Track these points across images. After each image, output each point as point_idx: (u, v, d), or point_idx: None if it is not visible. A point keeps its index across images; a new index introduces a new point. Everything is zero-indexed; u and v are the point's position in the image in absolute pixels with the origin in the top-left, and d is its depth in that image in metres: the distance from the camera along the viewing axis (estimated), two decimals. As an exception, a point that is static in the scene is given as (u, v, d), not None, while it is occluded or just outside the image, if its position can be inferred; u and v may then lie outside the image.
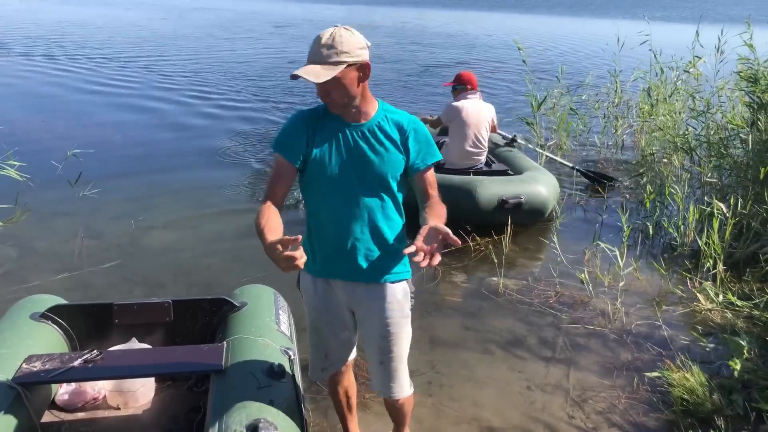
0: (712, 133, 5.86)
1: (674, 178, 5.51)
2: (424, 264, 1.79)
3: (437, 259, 1.79)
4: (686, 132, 6.20)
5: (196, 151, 7.35)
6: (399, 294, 2.21)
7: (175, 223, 5.24)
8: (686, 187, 5.22)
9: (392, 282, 2.20)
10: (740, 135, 5.40)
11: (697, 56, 6.86)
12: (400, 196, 2.19)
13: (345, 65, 1.94)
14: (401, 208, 2.21)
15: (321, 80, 1.92)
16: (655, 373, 3.10)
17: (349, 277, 2.20)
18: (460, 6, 44.21)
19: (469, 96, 5.35)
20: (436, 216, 2.01)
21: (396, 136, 2.11)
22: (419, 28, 26.08)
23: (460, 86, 5.41)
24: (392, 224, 2.17)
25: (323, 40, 1.95)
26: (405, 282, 2.23)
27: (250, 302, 2.88)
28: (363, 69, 2.01)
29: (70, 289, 4.02)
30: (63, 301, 2.83)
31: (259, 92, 11.05)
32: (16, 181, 5.49)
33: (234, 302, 2.85)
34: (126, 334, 2.75)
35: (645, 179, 5.98)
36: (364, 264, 2.17)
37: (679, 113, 6.88)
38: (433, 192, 2.17)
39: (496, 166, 5.63)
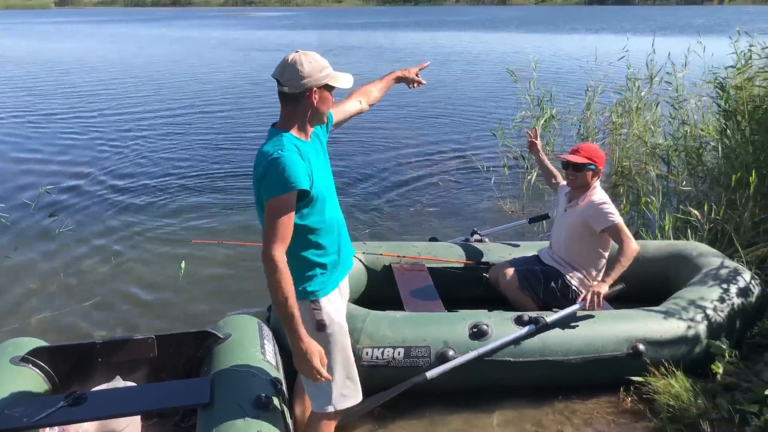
0: (685, 142, 5.99)
1: (650, 188, 5.59)
2: None
3: None
4: (660, 142, 6.32)
5: (168, 183, 7.30)
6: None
7: (154, 257, 5.20)
8: (662, 197, 5.30)
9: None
10: (710, 143, 5.52)
11: (668, 72, 7.00)
12: None
13: None
14: None
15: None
16: (639, 378, 3.12)
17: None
18: (429, 27, 44.84)
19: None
20: None
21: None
22: (385, 48, 26.36)
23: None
24: None
25: None
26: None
27: (234, 333, 2.87)
28: None
29: (50, 330, 3.97)
30: (43, 343, 2.80)
31: (231, 120, 11.08)
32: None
33: (218, 334, 2.84)
34: (110, 372, 2.73)
35: (621, 190, 6.08)
36: None
37: (653, 124, 7.00)
38: None
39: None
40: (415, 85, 2.84)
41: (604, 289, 3.25)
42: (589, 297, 3.20)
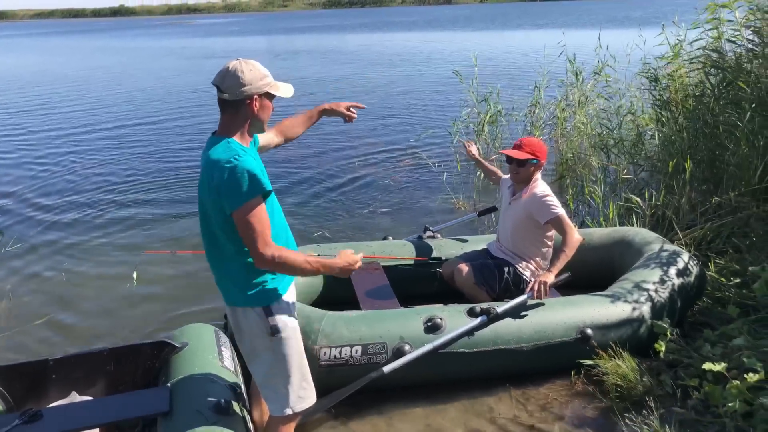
0: (624, 132, 6.23)
1: (593, 178, 5.79)
2: None
3: None
4: (601, 133, 6.55)
5: (115, 196, 7.17)
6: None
7: (106, 270, 5.13)
8: (605, 186, 5.50)
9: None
10: (648, 132, 5.75)
11: (607, 64, 7.25)
12: None
13: None
14: None
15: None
16: (588, 362, 3.25)
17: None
18: (376, 29, 45.04)
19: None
20: None
21: None
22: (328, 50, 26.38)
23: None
24: None
25: None
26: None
27: (191, 342, 2.88)
28: None
29: (1, 351, 3.88)
30: (-6, 363, 2.75)
31: (175, 129, 10.96)
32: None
33: (174, 344, 2.85)
34: (66, 388, 2.71)
35: (567, 181, 6.27)
36: None
37: (595, 117, 7.24)
38: None
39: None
40: (348, 120, 2.84)
41: (550, 278, 3.36)
42: (536, 287, 3.32)
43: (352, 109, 2.84)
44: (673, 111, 5.35)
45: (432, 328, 3.16)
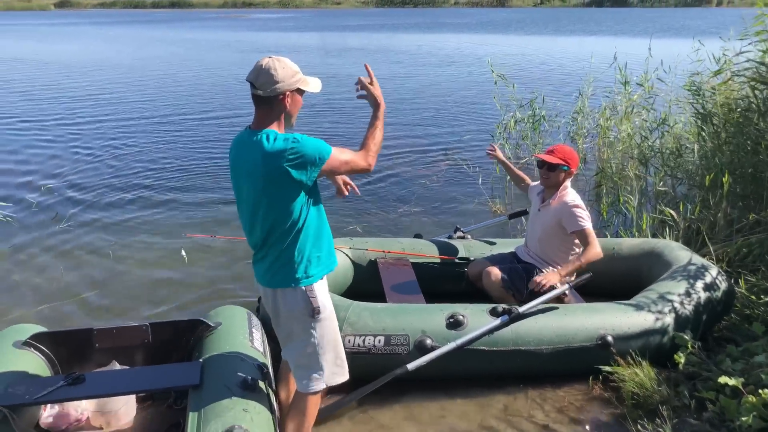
0: (665, 144, 6.18)
1: (629, 188, 5.77)
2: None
3: None
4: (641, 144, 6.50)
5: (162, 181, 7.48)
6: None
7: (149, 250, 5.40)
8: (640, 196, 5.48)
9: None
10: (687, 145, 5.69)
11: (657, 76, 7.19)
12: None
13: None
14: None
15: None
16: (607, 368, 3.30)
17: None
18: (427, 29, 45.02)
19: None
20: None
21: None
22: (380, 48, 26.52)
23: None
24: None
25: None
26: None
27: (224, 322, 3.05)
28: None
29: (51, 319, 4.15)
30: (44, 329, 2.98)
31: (224, 120, 11.27)
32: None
33: (209, 323, 3.02)
34: (106, 357, 2.91)
35: (603, 190, 6.26)
36: None
37: (641, 128, 7.17)
38: None
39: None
40: (338, 193, 2.85)
41: (555, 279, 3.52)
42: (539, 279, 3.51)
43: (348, 186, 2.85)
44: (716, 125, 5.29)
45: (454, 324, 3.26)
